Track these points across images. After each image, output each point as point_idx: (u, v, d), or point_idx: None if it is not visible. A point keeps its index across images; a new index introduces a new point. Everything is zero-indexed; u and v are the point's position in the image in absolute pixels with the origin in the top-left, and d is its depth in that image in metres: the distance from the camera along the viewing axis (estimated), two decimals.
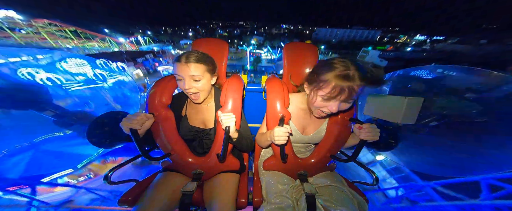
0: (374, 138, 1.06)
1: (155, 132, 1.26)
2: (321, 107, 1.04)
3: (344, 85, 0.90)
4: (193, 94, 1.20)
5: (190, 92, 1.18)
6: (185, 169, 1.34)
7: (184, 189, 1.13)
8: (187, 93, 1.21)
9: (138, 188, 1.31)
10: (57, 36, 33.10)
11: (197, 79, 1.15)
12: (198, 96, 1.22)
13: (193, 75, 1.13)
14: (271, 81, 1.28)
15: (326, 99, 0.99)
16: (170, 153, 1.28)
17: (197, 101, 1.26)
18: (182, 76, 1.13)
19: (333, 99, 0.97)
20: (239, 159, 1.45)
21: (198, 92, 1.21)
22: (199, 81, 1.17)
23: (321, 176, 1.36)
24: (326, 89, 0.96)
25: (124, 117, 1.05)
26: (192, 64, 1.12)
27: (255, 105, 2.07)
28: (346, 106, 1.00)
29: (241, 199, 1.32)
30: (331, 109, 1.00)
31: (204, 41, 1.63)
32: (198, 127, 1.39)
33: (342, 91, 0.92)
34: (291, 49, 1.62)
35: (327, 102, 1.00)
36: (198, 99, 1.23)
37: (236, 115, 1.17)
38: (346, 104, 1.00)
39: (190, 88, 1.16)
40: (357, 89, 0.90)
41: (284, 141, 1.02)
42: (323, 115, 1.10)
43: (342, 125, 1.27)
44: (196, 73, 1.14)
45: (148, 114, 1.16)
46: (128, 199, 1.22)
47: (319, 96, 1.01)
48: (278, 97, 1.20)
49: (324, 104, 1.02)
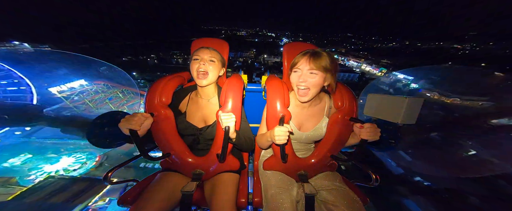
0: (375, 137, 1.07)
1: (155, 131, 1.25)
2: (295, 82, 1.19)
3: (303, 56, 1.15)
4: (202, 73, 1.28)
5: (201, 69, 1.27)
6: (185, 169, 1.33)
7: (183, 190, 1.12)
8: (197, 72, 1.28)
9: (138, 188, 1.30)
10: None
11: (213, 60, 1.31)
12: (206, 76, 1.29)
13: (211, 56, 1.31)
14: (271, 81, 1.27)
15: (295, 72, 1.19)
16: (170, 153, 1.27)
17: (201, 83, 1.30)
18: (201, 57, 1.28)
19: (299, 70, 1.16)
20: (239, 159, 1.44)
21: (207, 73, 1.29)
22: (213, 62, 1.31)
23: (322, 177, 1.36)
24: (296, 64, 1.18)
25: (123, 117, 1.04)
26: (212, 50, 1.34)
27: (255, 105, 2.06)
28: (313, 76, 1.13)
29: (241, 199, 1.31)
30: (299, 78, 1.15)
31: (204, 41, 1.62)
32: (197, 124, 1.38)
33: (303, 58, 1.15)
34: (291, 49, 1.61)
35: (297, 74, 1.18)
36: (204, 79, 1.29)
37: (236, 114, 1.16)
38: (312, 74, 1.13)
39: (204, 66, 1.28)
40: (312, 59, 1.11)
41: (284, 140, 1.02)
42: (302, 92, 1.19)
43: (343, 125, 1.25)
44: (213, 56, 1.32)
45: (146, 114, 1.14)
46: (128, 199, 1.22)
47: (292, 72, 1.21)
48: (278, 97, 1.19)
49: (297, 78, 1.17)
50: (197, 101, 1.42)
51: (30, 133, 21.51)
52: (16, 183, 16.28)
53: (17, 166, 18.00)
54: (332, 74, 1.16)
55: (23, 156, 18.84)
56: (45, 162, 18.84)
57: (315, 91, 1.17)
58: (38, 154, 19.44)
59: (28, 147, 19.96)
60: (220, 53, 1.38)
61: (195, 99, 1.44)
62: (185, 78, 1.48)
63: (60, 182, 15.64)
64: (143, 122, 1.10)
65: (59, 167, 18.98)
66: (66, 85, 25.49)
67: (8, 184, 15.98)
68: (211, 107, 1.39)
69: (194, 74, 1.29)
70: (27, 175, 17.23)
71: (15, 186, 15.74)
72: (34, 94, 24.24)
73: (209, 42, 1.57)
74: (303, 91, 1.18)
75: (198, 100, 1.42)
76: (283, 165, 1.27)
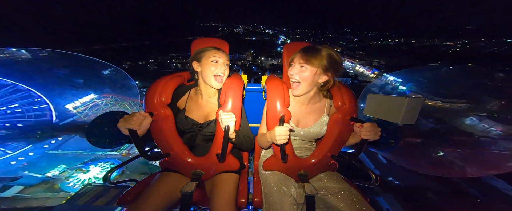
0: (375, 137, 1.04)
1: (154, 131, 1.21)
2: (289, 74, 1.22)
3: (298, 52, 1.19)
4: (219, 77, 1.28)
5: (220, 73, 1.27)
6: (184, 169, 1.29)
7: (183, 190, 1.08)
8: (215, 75, 1.27)
9: (137, 188, 1.28)
10: None
11: (228, 63, 1.33)
12: (222, 80, 1.29)
13: (227, 59, 1.32)
14: (271, 80, 1.24)
15: (290, 66, 1.23)
16: (169, 153, 1.24)
17: (218, 86, 1.29)
18: (220, 59, 1.28)
19: (292, 64, 1.21)
20: (239, 159, 1.39)
21: (224, 76, 1.30)
22: (228, 66, 1.33)
23: (322, 177, 1.31)
24: (292, 59, 1.23)
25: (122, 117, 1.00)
26: (226, 54, 1.35)
27: (255, 105, 2.04)
28: (303, 70, 1.16)
29: (241, 199, 1.27)
30: (290, 71, 1.21)
31: (204, 41, 1.58)
32: (197, 120, 1.34)
33: (297, 54, 1.20)
34: (291, 49, 1.58)
35: (291, 67, 1.21)
36: (220, 83, 1.29)
37: (236, 114, 1.13)
38: (302, 68, 1.16)
39: (223, 70, 1.28)
40: (304, 55, 1.15)
41: (285, 140, 0.99)
42: (293, 85, 1.23)
43: (343, 124, 1.23)
44: (228, 59, 1.34)
45: (144, 113, 1.09)
46: (127, 199, 1.19)
47: (289, 66, 1.25)
48: (278, 97, 1.16)
49: (290, 71, 1.21)
50: (196, 99, 1.38)
51: (56, 146, 24.06)
52: (59, 189, 19.51)
53: (56, 175, 20.79)
54: (328, 71, 1.13)
55: (59, 167, 21.47)
56: (78, 172, 21.44)
57: (306, 86, 1.17)
58: (70, 164, 21.92)
59: (60, 158, 22.59)
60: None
61: (194, 97, 1.39)
62: (185, 78, 1.44)
63: (97, 188, 17.56)
64: (142, 121, 1.06)
65: (90, 175, 21.28)
66: (80, 101, 28.12)
67: (53, 190, 19.31)
68: (211, 105, 1.35)
69: (208, 75, 1.25)
70: (67, 182, 20.03)
71: (59, 192, 19.21)
72: (53, 111, 26.58)
73: (211, 42, 1.53)
74: (294, 84, 1.21)
75: (198, 98, 1.38)
76: (283, 165, 1.23)
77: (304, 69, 1.14)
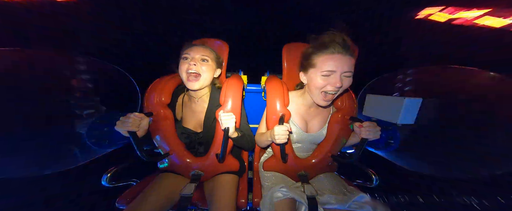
0: (375, 136, 1.02)
1: (153, 131, 1.20)
2: (324, 87, 0.98)
3: (337, 47, 0.93)
4: (193, 74, 1.10)
5: (192, 70, 1.09)
6: (184, 170, 1.28)
7: (182, 192, 1.07)
8: (187, 74, 1.10)
9: (136, 188, 1.26)
10: None
11: (206, 59, 1.13)
12: (198, 79, 1.11)
13: (203, 54, 1.12)
14: (271, 81, 1.23)
15: (326, 75, 0.96)
16: (168, 153, 1.22)
17: (192, 87, 1.12)
18: (191, 56, 1.10)
19: (334, 73, 0.94)
20: (238, 160, 1.38)
21: (199, 75, 1.11)
22: (206, 62, 1.13)
23: (322, 177, 1.31)
24: (325, 61, 0.95)
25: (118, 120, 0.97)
26: (205, 48, 1.16)
27: (255, 105, 2.03)
28: (347, 81, 0.97)
29: (241, 200, 1.26)
30: (335, 83, 0.94)
31: (204, 41, 1.55)
32: (194, 129, 1.31)
33: (335, 57, 0.93)
34: (291, 49, 1.58)
35: (328, 78, 0.96)
36: (195, 82, 1.11)
37: (236, 114, 1.12)
38: (347, 78, 0.97)
39: (196, 67, 1.09)
40: (348, 59, 0.93)
41: (284, 139, 0.98)
42: (330, 97, 1.02)
43: (343, 124, 1.22)
44: (206, 54, 1.13)
45: (140, 114, 1.04)
46: (127, 199, 1.17)
47: (320, 74, 0.97)
48: (278, 97, 1.15)
49: (327, 82, 0.97)
50: (190, 105, 1.32)
51: None
52: None
53: None
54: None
55: None
56: None
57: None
58: None
59: None
60: (214, 51, 1.23)
61: (188, 103, 1.33)
62: None
63: None
64: (139, 123, 1.03)
65: None
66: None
67: None
68: (204, 106, 1.28)
69: (183, 77, 1.11)
70: None
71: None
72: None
73: (209, 43, 1.49)
74: (330, 96, 1.02)
75: (191, 103, 1.32)
76: (283, 165, 1.23)
77: (349, 75, 0.97)
